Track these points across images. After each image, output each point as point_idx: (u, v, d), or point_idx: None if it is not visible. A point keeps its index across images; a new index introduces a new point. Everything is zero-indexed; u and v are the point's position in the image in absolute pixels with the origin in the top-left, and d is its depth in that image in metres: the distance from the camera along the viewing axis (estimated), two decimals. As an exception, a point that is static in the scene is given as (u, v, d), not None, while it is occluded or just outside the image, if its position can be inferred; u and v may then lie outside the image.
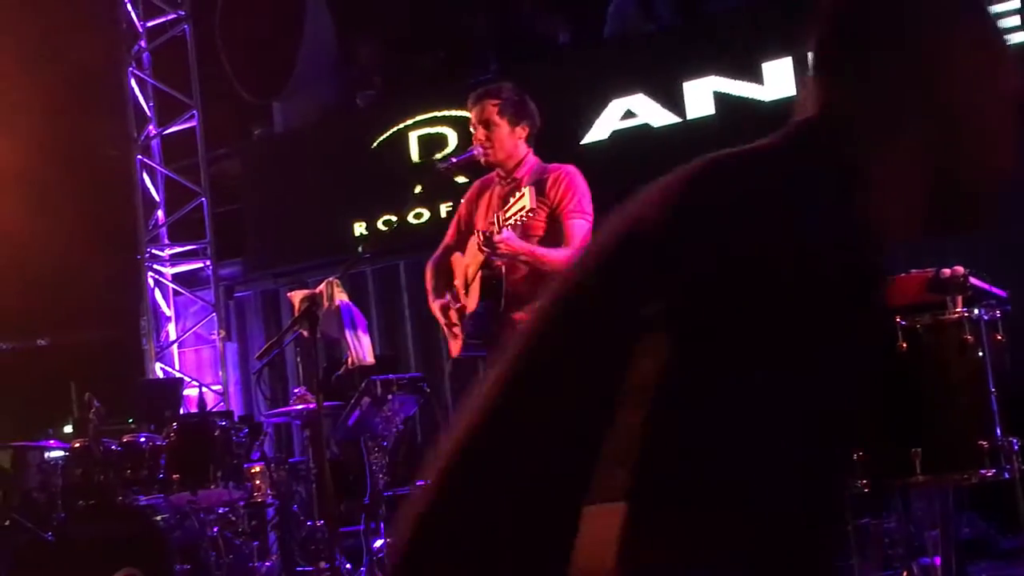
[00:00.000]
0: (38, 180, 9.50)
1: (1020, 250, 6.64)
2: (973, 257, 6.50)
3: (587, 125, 7.95)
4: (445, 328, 4.78)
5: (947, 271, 4.04)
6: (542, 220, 4.62)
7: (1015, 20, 7.01)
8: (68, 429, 9.25)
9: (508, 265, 4.55)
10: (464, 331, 4.67)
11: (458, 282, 4.82)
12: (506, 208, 4.46)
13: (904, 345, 3.92)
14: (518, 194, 4.43)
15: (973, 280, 4.05)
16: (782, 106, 7.42)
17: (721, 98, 7.56)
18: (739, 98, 7.51)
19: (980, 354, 3.93)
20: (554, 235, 4.59)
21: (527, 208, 4.38)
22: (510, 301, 4.58)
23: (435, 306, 4.84)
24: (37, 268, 9.48)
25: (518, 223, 4.43)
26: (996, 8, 6.99)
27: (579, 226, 4.58)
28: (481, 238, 4.47)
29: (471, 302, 4.63)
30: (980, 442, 3.86)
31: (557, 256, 4.53)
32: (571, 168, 4.72)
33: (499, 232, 4.38)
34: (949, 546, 4.27)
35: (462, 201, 4.99)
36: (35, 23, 9.34)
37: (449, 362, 4.90)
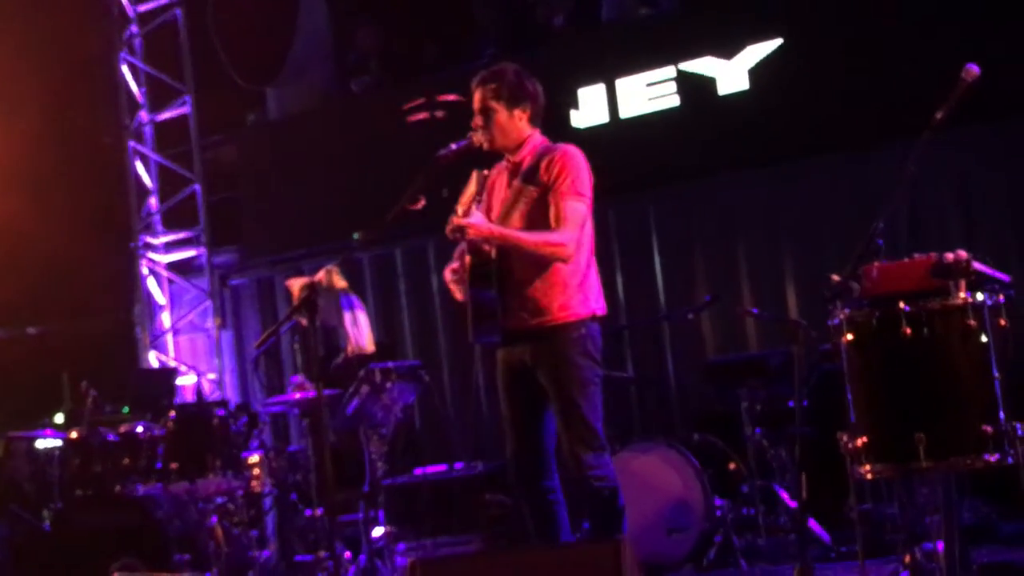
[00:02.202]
0: (30, 169, 9.44)
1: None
2: (976, 241, 6.54)
3: (583, 109, 7.92)
4: (454, 290, 4.73)
5: (950, 256, 4.02)
6: (541, 202, 4.57)
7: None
8: (59, 419, 9.21)
9: (501, 251, 4.50)
10: (469, 318, 4.64)
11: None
12: (461, 197, 4.40)
13: (908, 330, 3.90)
14: (468, 182, 4.39)
15: (976, 265, 4.02)
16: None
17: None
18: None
19: (984, 339, 3.92)
20: (547, 215, 4.53)
21: (472, 192, 4.36)
22: (512, 287, 4.53)
23: (446, 271, 4.79)
24: (29, 256, 9.42)
25: (472, 209, 4.37)
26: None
27: (571, 207, 4.48)
28: (448, 228, 4.42)
29: (467, 290, 4.59)
30: (984, 427, 3.86)
31: (538, 238, 4.47)
32: (569, 148, 4.62)
33: (460, 218, 4.34)
34: (952, 531, 4.27)
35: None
36: (26, 11, 9.28)
37: (477, 351, 4.84)
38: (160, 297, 9.91)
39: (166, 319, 9.90)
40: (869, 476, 4.09)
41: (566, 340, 4.53)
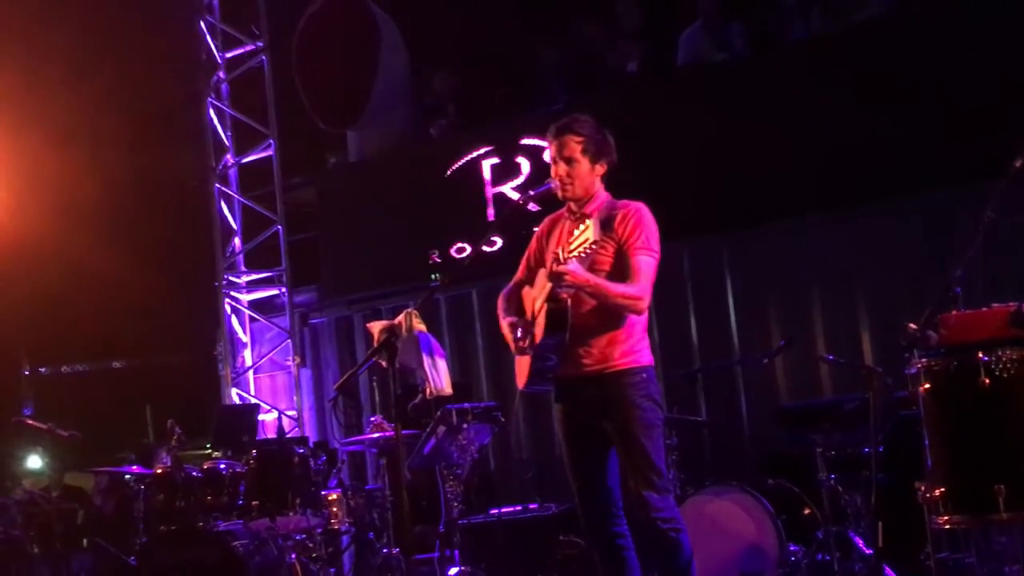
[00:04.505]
0: (120, 208, 9.74)
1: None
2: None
3: (664, 155, 7.94)
4: (513, 344, 4.82)
5: (1029, 306, 4.01)
6: (609, 255, 4.65)
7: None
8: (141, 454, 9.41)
9: (574, 299, 4.58)
10: (531, 364, 4.70)
11: (528, 315, 4.85)
12: (571, 240, 4.48)
13: (986, 380, 3.90)
14: (582, 226, 4.45)
15: (1055, 314, 4.01)
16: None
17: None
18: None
19: (1063, 389, 3.89)
20: (620, 270, 4.62)
21: (591, 240, 4.38)
22: (576, 334, 4.61)
23: (504, 323, 4.89)
24: (117, 294, 9.69)
25: (583, 255, 4.44)
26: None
27: (645, 262, 4.61)
28: (549, 271, 4.51)
29: (537, 335, 4.66)
30: (1063, 478, 3.83)
31: (623, 290, 4.56)
32: (640, 205, 4.73)
33: (564, 263, 4.41)
34: (1030, 582, 4.22)
35: (533, 238, 5.03)
36: (117, 57, 9.57)
37: (518, 394, 4.92)
38: (242, 335, 10.10)
39: (248, 356, 10.08)
40: (947, 526, 4.07)
41: (629, 384, 4.60)
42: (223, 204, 10.11)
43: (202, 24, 10.03)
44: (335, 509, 6.44)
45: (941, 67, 7.06)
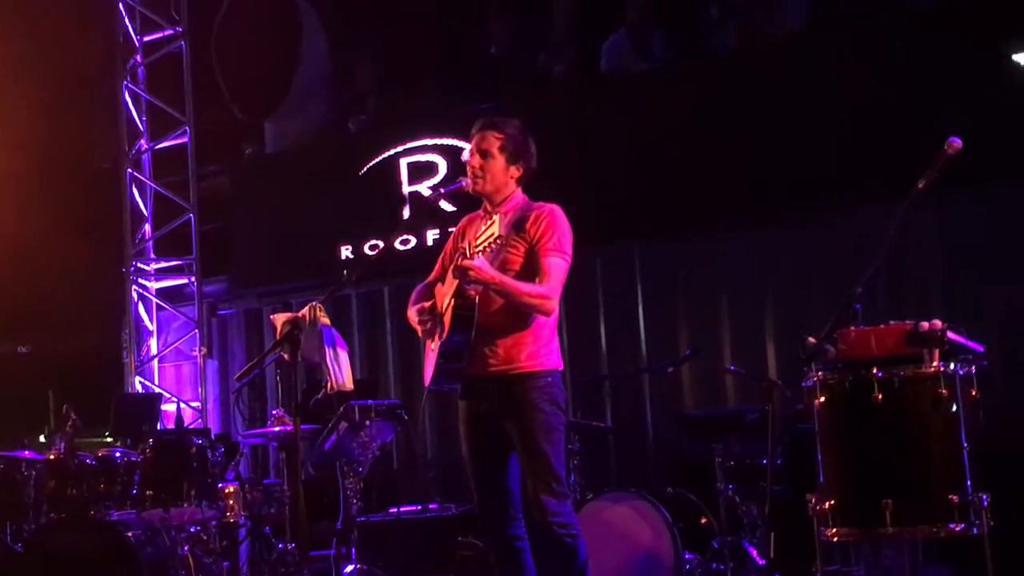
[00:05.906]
0: (29, 186, 9.50)
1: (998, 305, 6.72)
2: (956, 307, 6.60)
3: (582, 160, 7.96)
4: (419, 330, 4.79)
5: (925, 324, 4.06)
6: (520, 255, 4.63)
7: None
8: (43, 439, 9.20)
9: (482, 297, 4.56)
10: (436, 362, 4.68)
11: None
12: (477, 236, 4.47)
13: (880, 396, 3.95)
14: (489, 222, 4.44)
15: (951, 334, 4.07)
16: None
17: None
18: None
19: (954, 409, 3.96)
20: (531, 270, 4.60)
21: (495, 235, 4.38)
22: (482, 333, 4.60)
23: (412, 310, 4.85)
24: (23, 274, 9.46)
25: (490, 249, 4.44)
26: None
27: (556, 264, 4.59)
28: (454, 267, 4.49)
29: (444, 332, 4.64)
30: (950, 496, 3.90)
31: (530, 289, 4.53)
32: (554, 207, 4.72)
33: (470, 259, 4.40)
34: (916, 597, 4.29)
35: (450, 238, 5.00)
36: (31, 29, 9.36)
37: (425, 393, 4.89)
38: (148, 323, 9.95)
39: (153, 345, 9.93)
40: (836, 539, 4.12)
41: (533, 388, 4.58)
42: (134, 189, 9.94)
43: (121, 6, 9.85)
44: (231, 502, 6.33)
45: (855, 85, 7.16)
